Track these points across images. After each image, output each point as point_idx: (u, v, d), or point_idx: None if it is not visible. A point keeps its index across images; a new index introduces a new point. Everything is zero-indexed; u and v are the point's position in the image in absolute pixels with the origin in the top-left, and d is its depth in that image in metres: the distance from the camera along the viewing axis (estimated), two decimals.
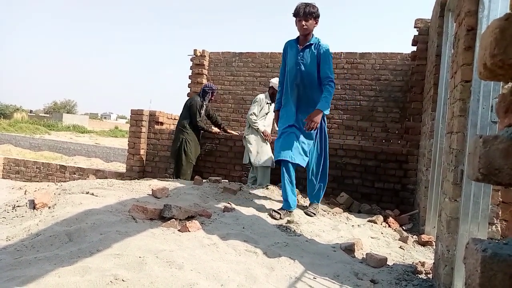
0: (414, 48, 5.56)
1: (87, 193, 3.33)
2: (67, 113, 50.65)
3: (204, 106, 5.87)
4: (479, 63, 0.69)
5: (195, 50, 7.55)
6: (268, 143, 5.33)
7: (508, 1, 1.91)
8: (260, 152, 5.30)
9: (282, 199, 4.11)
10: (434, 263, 2.48)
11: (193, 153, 5.75)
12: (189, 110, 5.77)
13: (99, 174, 7.33)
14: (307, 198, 4.58)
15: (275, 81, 5.19)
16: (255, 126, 5.30)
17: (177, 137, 5.79)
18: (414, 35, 5.48)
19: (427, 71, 4.86)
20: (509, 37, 0.61)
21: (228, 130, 6.25)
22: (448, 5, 3.52)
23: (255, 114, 5.34)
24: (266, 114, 5.39)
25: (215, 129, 6.07)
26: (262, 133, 5.29)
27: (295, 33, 3.79)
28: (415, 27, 5.42)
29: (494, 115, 1.89)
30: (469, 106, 2.03)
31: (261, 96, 5.42)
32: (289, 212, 3.58)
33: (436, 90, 3.80)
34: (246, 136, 5.41)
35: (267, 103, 5.38)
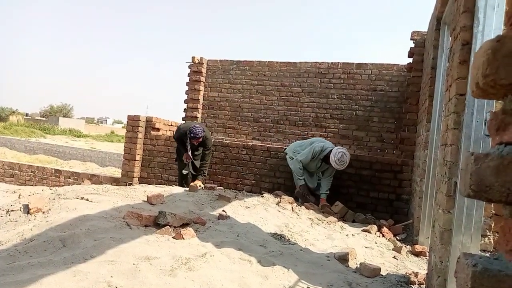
0: (410, 60, 5.62)
1: (82, 198, 3.32)
2: (63, 117, 50.49)
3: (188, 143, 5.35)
4: (472, 82, 0.71)
5: (193, 58, 7.58)
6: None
7: (502, 17, 1.95)
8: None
9: (277, 207, 4.12)
10: (427, 273, 2.49)
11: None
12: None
13: (94, 179, 7.29)
14: (302, 206, 4.58)
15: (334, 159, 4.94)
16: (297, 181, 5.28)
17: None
18: (411, 47, 5.54)
19: (422, 83, 4.91)
20: (500, 58, 0.63)
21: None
22: (444, 19, 3.57)
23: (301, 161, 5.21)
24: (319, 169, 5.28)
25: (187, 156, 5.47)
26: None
27: (293, 41, 3.72)
28: (411, 39, 5.49)
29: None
30: (463, 119, 2.06)
31: (317, 150, 5.16)
32: None
33: (431, 102, 3.84)
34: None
35: (317, 158, 5.16)
